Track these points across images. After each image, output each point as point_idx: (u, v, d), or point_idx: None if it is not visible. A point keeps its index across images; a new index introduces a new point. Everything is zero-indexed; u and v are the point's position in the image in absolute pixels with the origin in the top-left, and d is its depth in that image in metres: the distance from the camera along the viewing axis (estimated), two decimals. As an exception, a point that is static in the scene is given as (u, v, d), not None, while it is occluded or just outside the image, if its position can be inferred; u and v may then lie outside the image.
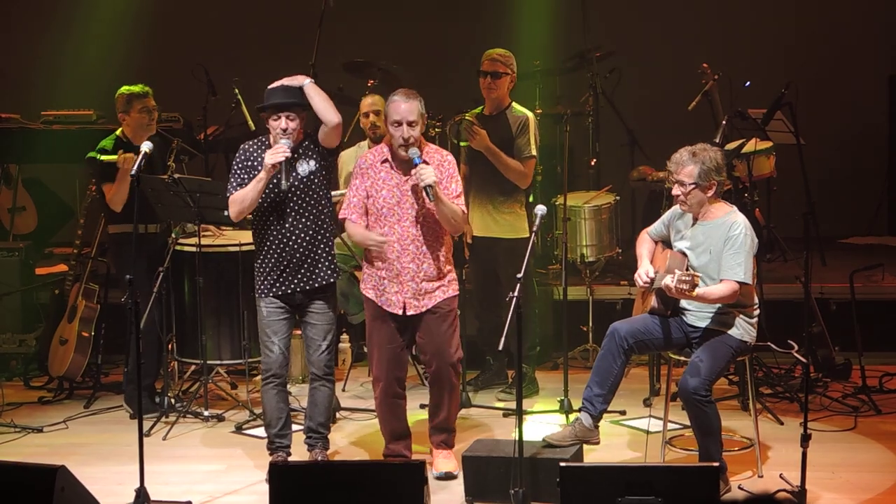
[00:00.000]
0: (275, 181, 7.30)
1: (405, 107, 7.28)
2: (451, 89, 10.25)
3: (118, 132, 8.68)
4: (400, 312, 7.37)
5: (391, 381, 7.48)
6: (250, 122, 10.13)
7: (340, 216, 7.52)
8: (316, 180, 7.41)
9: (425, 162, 7.28)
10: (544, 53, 10.88)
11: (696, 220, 7.26)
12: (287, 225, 7.38)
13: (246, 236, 8.75)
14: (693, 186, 7.13)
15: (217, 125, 10.60)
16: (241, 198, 7.35)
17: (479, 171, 8.73)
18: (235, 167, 7.46)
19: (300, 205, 7.39)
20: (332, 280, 7.49)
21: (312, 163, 7.39)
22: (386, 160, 7.38)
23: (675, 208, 7.38)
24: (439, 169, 7.33)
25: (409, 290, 7.35)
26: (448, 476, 7.46)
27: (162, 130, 9.06)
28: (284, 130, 7.30)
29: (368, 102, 9.09)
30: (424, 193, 7.18)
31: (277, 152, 7.26)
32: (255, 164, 7.40)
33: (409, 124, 7.26)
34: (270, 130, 7.39)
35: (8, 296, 9.77)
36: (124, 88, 8.67)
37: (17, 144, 10.71)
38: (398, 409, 7.57)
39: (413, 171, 7.24)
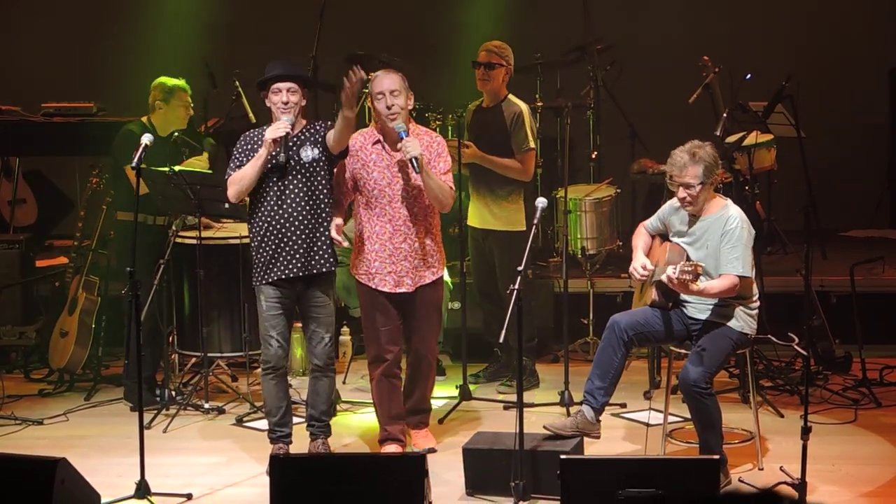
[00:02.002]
0: (274, 159, 7.30)
1: (386, 79, 7.41)
2: (451, 81, 10.24)
3: (144, 119, 8.64)
4: (394, 291, 7.43)
5: (388, 362, 7.56)
6: (251, 115, 10.12)
7: None
8: (318, 168, 7.40)
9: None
10: (545, 46, 10.87)
11: (693, 215, 7.26)
12: (286, 207, 7.36)
13: (246, 229, 8.76)
14: (700, 186, 7.14)
15: (217, 117, 10.58)
16: (241, 176, 7.36)
17: (479, 165, 8.74)
18: (236, 152, 7.47)
19: (301, 189, 7.37)
20: (330, 269, 7.49)
21: (316, 150, 7.39)
22: (378, 141, 7.45)
23: (671, 203, 7.38)
24: (427, 149, 7.43)
25: (402, 269, 7.45)
26: (430, 451, 7.54)
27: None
28: (286, 104, 7.31)
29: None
30: (410, 165, 7.24)
31: (279, 128, 7.28)
32: (256, 149, 7.40)
33: (392, 93, 7.34)
34: (271, 108, 7.37)
35: (8, 288, 9.76)
36: (166, 78, 8.66)
37: (17, 137, 10.69)
38: (394, 390, 7.64)
39: (399, 144, 7.29)
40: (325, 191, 7.44)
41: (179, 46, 11.33)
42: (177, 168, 8.36)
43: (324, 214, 7.44)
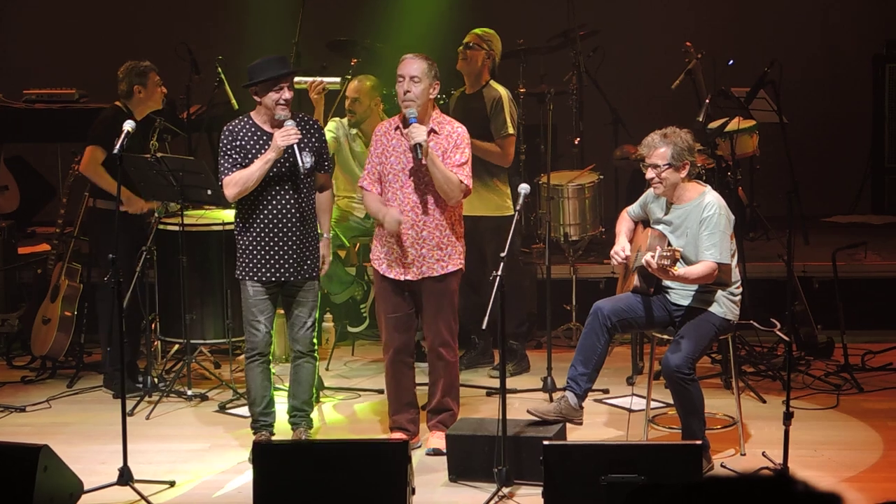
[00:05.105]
0: (279, 165, 7.27)
1: (409, 62, 7.30)
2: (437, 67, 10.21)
3: (119, 104, 8.56)
4: (399, 278, 7.37)
5: (395, 348, 7.45)
6: (233, 101, 10.08)
7: (359, 184, 7.52)
8: (312, 176, 7.38)
9: (435, 131, 7.30)
10: (528, 32, 10.85)
11: (671, 203, 7.26)
12: (280, 209, 7.33)
13: (229, 216, 8.73)
14: (667, 167, 7.13)
15: (200, 104, 10.56)
16: (246, 178, 7.25)
17: None
18: (225, 148, 7.34)
19: (296, 195, 7.33)
20: (316, 275, 7.48)
21: (314, 157, 7.37)
22: (398, 127, 7.39)
23: (651, 191, 7.39)
24: (447, 138, 7.31)
25: (407, 255, 7.33)
26: (436, 452, 7.41)
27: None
28: (287, 101, 7.27)
29: (352, 87, 9.06)
30: (413, 151, 7.17)
31: (289, 134, 7.21)
32: (244, 143, 7.32)
33: (411, 79, 7.24)
34: (265, 104, 7.28)
35: (-10, 275, 9.75)
36: (134, 62, 8.57)
37: (-1, 123, 10.67)
38: (403, 377, 7.51)
39: (406, 130, 7.23)
40: (314, 198, 7.43)
41: (161, 32, 11.29)
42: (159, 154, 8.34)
43: (314, 220, 7.42)
